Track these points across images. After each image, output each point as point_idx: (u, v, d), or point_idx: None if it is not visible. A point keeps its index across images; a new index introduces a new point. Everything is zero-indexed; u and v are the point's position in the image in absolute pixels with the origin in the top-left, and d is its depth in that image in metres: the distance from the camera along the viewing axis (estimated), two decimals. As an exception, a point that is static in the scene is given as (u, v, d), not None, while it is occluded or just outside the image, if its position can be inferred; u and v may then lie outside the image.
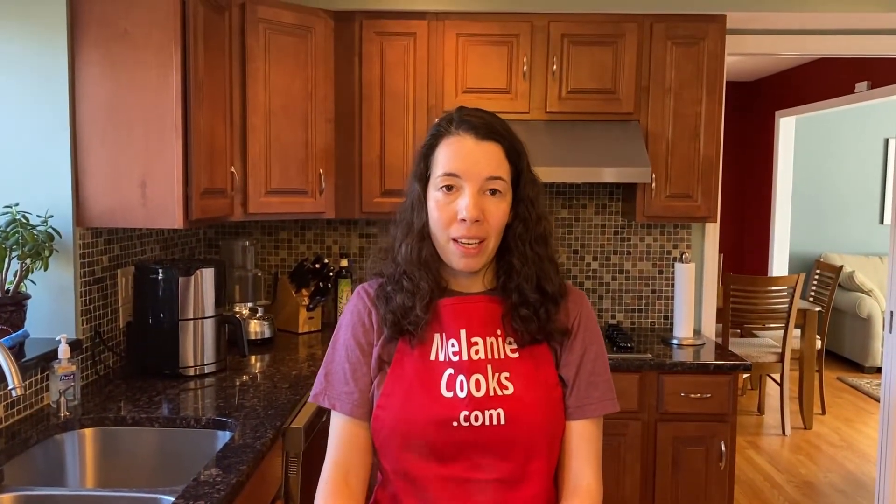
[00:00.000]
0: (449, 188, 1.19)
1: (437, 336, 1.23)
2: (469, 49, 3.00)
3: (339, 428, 1.26)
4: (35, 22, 2.13)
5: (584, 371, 1.25)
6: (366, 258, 3.42)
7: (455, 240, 1.19)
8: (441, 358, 1.22)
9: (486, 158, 1.19)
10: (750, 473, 4.13)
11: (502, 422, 1.17)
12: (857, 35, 3.36)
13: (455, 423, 1.17)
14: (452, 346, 1.22)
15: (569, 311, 1.28)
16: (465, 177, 1.18)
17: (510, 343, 1.24)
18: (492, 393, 1.19)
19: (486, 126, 1.21)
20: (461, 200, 1.18)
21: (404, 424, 1.19)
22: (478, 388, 1.19)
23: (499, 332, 1.24)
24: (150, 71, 2.16)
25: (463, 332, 1.22)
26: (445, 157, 1.20)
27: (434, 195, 1.21)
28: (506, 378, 1.20)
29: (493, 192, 1.19)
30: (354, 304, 1.30)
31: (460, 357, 1.21)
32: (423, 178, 1.24)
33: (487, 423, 1.17)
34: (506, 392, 1.19)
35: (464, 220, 1.17)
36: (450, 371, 1.20)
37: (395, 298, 1.23)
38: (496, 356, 1.22)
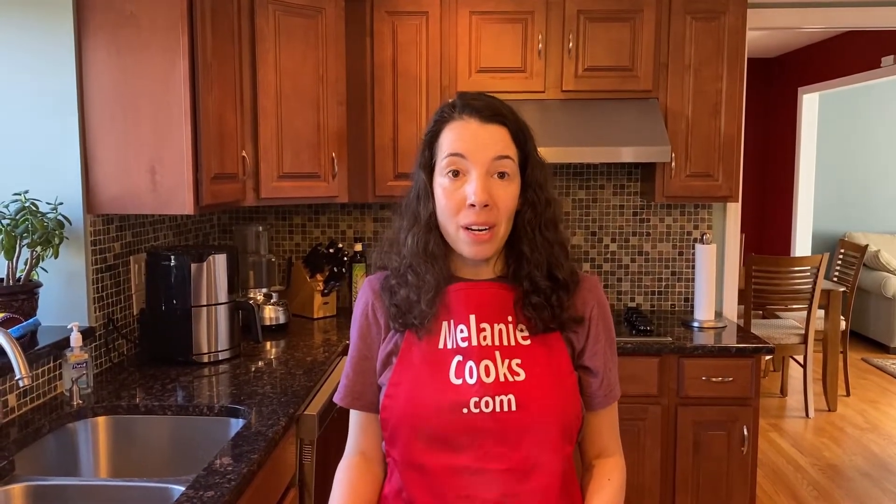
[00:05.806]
0: (455, 174, 1.15)
1: (444, 324, 1.21)
2: (482, 27, 2.93)
3: (356, 419, 1.30)
4: (40, 6, 2.10)
5: (607, 357, 1.26)
6: (380, 242, 3.38)
7: (465, 227, 1.15)
8: (449, 346, 1.19)
9: (492, 139, 1.15)
10: (773, 457, 4.07)
11: (513, 408, 1.15)
12: (883, 7, 3.25)
13: (465, 410, 1.15)
14: (461, 331, 1.19)
15: (585, 300, 1.25)
16: (471, 158, 1.14)
17: (521, 330, 1.20)
18: (502, 379, 1.16)
19: (490, 108, 1.18)
20: (468, 185, 1.14)
21: (413, 412, 1.17)
22: (487, 374, 1.16)
23: (510, 318, 1.20)
24: (157, 55, 2.13)
25: (472, 318, 1.19)
26: (450, 140, 1.17)
27: (440, 182, 1.17)
28: (517, 364, 1.17)
29: (502, 175, 1.15)
30: (360, 298, 1.30)
31: (469, 343, 1.18)
32: (429, 166, 1.20)
33: (498, 409, 1.15)
34: (517, 378, 1.16)
35: (473, 206, 1.13)
36: (458, 358, 1.18)
37: (400, 292, 1.21)
38: (506, 343, 1.19)
